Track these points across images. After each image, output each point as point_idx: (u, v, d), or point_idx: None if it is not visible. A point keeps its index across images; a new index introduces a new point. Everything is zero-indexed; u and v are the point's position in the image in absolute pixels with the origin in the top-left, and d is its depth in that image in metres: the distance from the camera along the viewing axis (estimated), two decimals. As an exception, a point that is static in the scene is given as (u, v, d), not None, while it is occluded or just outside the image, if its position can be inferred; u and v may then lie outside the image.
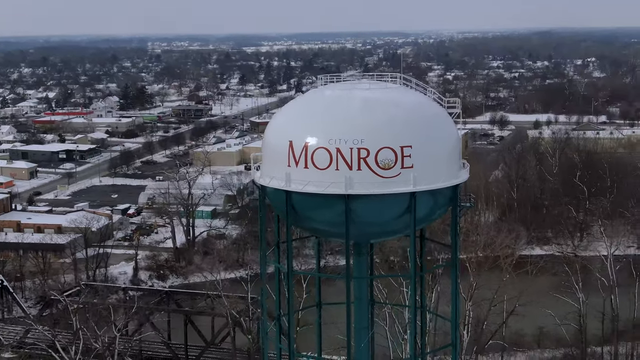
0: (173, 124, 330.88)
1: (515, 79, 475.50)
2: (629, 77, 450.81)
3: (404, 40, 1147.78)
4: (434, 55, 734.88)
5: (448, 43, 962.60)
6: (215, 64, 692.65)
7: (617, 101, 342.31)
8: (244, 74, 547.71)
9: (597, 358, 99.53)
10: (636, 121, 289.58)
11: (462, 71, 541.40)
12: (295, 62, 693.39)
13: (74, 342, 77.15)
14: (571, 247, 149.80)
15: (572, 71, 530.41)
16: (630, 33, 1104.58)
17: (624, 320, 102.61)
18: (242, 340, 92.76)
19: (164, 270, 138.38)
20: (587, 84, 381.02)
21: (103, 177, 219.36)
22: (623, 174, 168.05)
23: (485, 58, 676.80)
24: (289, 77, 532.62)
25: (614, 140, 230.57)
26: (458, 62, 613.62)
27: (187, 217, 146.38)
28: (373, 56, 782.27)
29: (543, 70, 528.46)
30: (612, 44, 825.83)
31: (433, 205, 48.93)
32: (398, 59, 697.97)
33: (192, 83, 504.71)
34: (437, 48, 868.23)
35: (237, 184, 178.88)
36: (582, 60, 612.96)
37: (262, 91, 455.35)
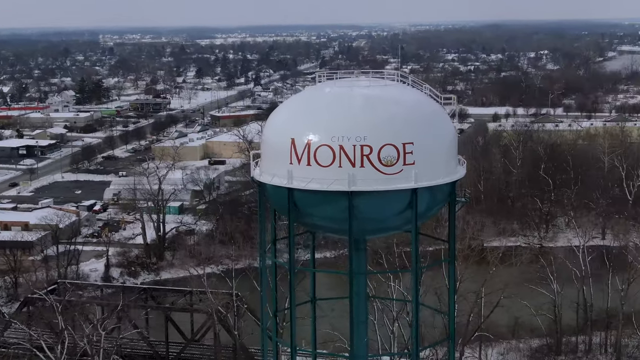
0: (132, 118, 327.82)
1: (471, 72, 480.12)
2: (582, 69, 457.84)
3: (358, 33, 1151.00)
4: (389, 48, 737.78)
5: (402, 36, 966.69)
6: (169, 56, 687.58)
7: (572, 93, 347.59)
8: (200, 67, 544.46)
9: (571, 347, 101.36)
10: (593, 113, 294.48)
11: (418, 64, 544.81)
12: (251, 54, 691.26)
13: (59, 341, 76.40)
14: (537, 239, 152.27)
15: (525, 64, 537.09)
16: (579, 25, 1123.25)
17: (597, 310, 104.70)
18: (224, 336, 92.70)
19: (135, 266, 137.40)
20: (542, 76, 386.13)
21: (65, 173, 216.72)
22: (586, 166, 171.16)
23: (440, 51, 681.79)
24: (246, 70, 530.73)
25: (573, 132, 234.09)
26: (413, 55, 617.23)
27: (157, 213, 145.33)
28: (329, 49, 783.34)
29: (497, 63, 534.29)
30: (563, 37, 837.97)
31: (432, 201, 49.57)
32: (354, 51, 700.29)
33: (148, 76, 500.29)
34: (392, 41, 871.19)
35: (204, 179, 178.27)
36: (534, 52, 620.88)
37: (220, 84, 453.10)
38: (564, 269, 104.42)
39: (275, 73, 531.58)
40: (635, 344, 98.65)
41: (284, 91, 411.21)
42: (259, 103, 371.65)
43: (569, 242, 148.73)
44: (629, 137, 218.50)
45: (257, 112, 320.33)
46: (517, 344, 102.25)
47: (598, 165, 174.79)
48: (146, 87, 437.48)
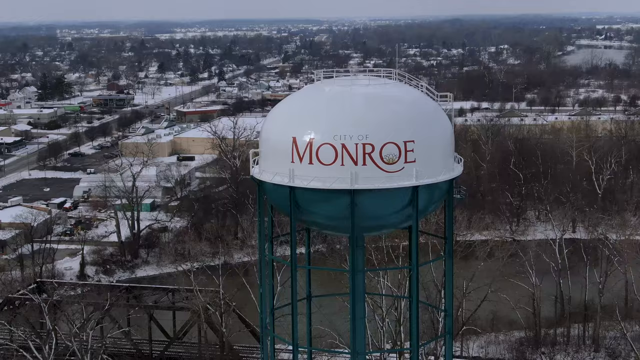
0: (96, 114, 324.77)
1: (434, 66, 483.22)
2: (543, 64, 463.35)
3: (318, 28, 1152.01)
4: (351, 43, 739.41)
5: (363, 31, 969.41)
6: (130, 51, 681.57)
7: (534, 88, 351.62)
8: (162, 62, 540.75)
9: (550, 340, 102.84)
10: (557, 107, 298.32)
11: (381, 59, 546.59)
12: (212, 49, 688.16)
13: (46, 341, 75.88)
14: (509, 232, 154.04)
15: (487, 58, 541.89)
16: (537, 20, 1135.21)
17: (575, 303, 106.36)
18: (208, 334, 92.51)
19: (110, 265, 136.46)
20: (505, 71, 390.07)
21: (32, 170, 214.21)
22: (555, 160, 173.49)
23: (401, 46, 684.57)
24: (209, 65, 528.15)
25: (539, 126, 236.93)
26: (376, 50, 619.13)
27: (131, 210, 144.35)
28: (290, 44, 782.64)
29: (459, 58, 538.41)
30: (522, 31, 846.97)
31: (431, 198, 50.04)
32: (316, 46, 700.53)
33: (109, 72, 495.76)
34: (353, 36, 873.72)
35: (176, 175, 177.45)
36: (495, 47, 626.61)
37: (183, 80, 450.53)
38: (538, 262, 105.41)
39: (238, 68, 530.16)
40: (614, 336, 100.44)
41: (249, 86, 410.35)
42: (224, 98, 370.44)
43: (541, 236, 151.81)
44: (595, 131, 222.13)
45: (223, 108, 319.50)
46: (497, 337, 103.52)
47: (566, 159, 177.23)
48: (108, 83, 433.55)
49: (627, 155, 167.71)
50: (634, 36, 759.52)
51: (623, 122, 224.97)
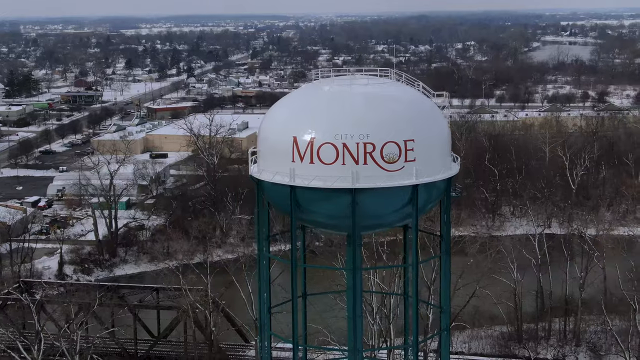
0: (65, 112, 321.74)
1: (402, 63, 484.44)
2: (510, 60, 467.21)
3: (285, 24, 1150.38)
4: (318, 39, 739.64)
5: (330, 27, 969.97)
6: (95, 47, 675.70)
7: (503, 84, 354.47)
8: (130, 58, 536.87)
9: (532, 334, 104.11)
10: (526, 103, 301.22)
11: (349, 55, 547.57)
12: (179, 45, 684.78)
13: (35, 342, 75.36)
14: (485, 228, 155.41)
15: (454, 55, 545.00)
16: (503, 16, 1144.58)
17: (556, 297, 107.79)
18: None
19: (88, 264, 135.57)
20: (474, 67, 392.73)
21: (3, 169, 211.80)
22: (527, 156, 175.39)
23: (369, 42, 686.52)
24: (177, 61, 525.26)
25: (510, 122, 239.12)
26: (344, 47, 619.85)
27: (109, 208, 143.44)
28: (258, 39, 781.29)
29: (427, 54, 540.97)
30: (488, 28, 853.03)
31: (430, 196, 50.64)
32: (284, 42, 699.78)
33: (76, 68, 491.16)
34: (320, 32, 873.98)
35: (151, 173, 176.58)
36: (461, 44, 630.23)
37: (152, 76, 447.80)
38: (517, 258, 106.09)
39: (206, 64, 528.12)
40: (594, 330, 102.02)
41: (218, 83, 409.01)
42: (194, 95, 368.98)
43: (517, 231, 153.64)
44: (565, 127, 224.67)
45: (194, 104, 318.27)
46: (479, 332, 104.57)
47: (539, 155, 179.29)
48: (76, 80, 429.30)
49: (600, 152, 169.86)
50: (599, 32, 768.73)
51: (593, 118, 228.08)
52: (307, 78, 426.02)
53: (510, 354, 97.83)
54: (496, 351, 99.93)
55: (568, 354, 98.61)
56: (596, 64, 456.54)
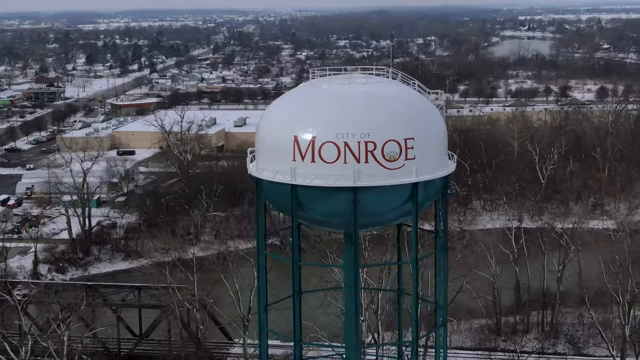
0: (28, 109, 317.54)
1: (365, 58, 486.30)
2: (472, 55, 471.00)
3: (245, 19, 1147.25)
4: (280, 34, 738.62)
5: (290, 22, 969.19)
6: (54, 43, 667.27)
7: (465, 79, 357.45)
8: (90, 53, 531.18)
9: (510, 327, 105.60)
10: (490, 98, 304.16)
11: (312, 51, 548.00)
12: (139, 40, 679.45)
13: (22, 343, 74.79)
14: (457, 222, 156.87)
15: (415, 50, 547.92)
16: (461, 11, 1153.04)
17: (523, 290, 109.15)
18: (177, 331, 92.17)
19: (62, 262, 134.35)
20: (438, 63, 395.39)
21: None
22: (497, 151, 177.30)
23: (331, 37, 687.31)
24: (138, 57, 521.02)
25: (476, 117, 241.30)
26: (306, 42, 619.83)
27: (82, 206, 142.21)
28: (218, 34, 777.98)
29: (389, 50, 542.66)
30: (447, 22, 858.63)
31: (427, 194, 51.17)
32: (245, 37, 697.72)
33: (36, 64, 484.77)
34: (281, 27, 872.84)
35: (122, 170, 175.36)
36: (422, 39, 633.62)
37: (113, 72, 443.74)
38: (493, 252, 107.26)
39: (168, 59, 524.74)
40: (571, 322, 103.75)
41: (181, 78, 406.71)
42: (157, 90, 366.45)
43: (489, 225, 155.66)
44: (530, 121, 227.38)
45: (159, 100, 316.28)
46: (459, 326, 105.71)
47: (508, 149, 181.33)
48: (36, 76, 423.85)
49: (568, 146, 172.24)
50: (556, 27, 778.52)
51: (557, 113, 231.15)
52: (271, 73, 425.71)
53: (490, 347, 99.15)
54: (476, 344, 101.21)
55: (547, 347, 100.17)
56: (556, 59, 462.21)
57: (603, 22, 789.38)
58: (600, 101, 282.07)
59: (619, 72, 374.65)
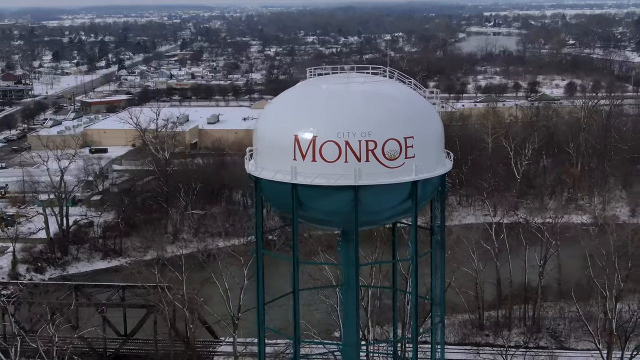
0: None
1: (334, 54, 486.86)
2: (440, 51, 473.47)
3: (210, 14, 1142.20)
4: (247, 30, 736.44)
5: (257, 18, 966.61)
6: (19, 40, 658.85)
7: (434, 75, 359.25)
8: (57, 50, 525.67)
9: (493, 322, 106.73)
10: (460, 94, 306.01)
11: (280, 47, 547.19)
12: (105, 36, 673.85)
13: (12, 344, 74.26)
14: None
15: (384, 46, 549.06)
16: (425, 7, 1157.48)
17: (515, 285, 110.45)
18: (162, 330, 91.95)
19: (41, 262, 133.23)
20: (407, 59, 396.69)
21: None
22: (471, 147, 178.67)
23: (298, 33, 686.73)
24: (105, 53, 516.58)
25: (448, 113, 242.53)
26: (274, 38, 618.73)
27: (60, 205, 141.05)
28: (185, 30, 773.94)
29: (357, 46, 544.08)
30: (413, 18, 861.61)
31: (425, 192, 51.85)
32: (213, 33, 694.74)
33: (2, 61, 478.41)
34: (248, 23, 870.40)
35: (96, 168, 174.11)
36: (390, 35, 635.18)
37: (80, 68, 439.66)
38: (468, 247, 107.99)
39: (135, 55, 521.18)
40: (552, 316, 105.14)
41: (150, 75, 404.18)
42: (127, 87, 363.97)
43: (465, 221, 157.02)
44: (502, 117, 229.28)
45: (129, 97, 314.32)
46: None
47: (482, 145, 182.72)
48: (3, 73, 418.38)
49: (542, 142, 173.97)
50: (522, 23, 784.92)
51: (528, 109, 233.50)
52: (241, 70, 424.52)
53: (476, 342, 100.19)
54: (460, 339, 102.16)
55: (529, 341, 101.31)
56: (523, 55, 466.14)
57: (567, 17, 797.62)
58: (569, 97, 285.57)
59: (586, 67, 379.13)
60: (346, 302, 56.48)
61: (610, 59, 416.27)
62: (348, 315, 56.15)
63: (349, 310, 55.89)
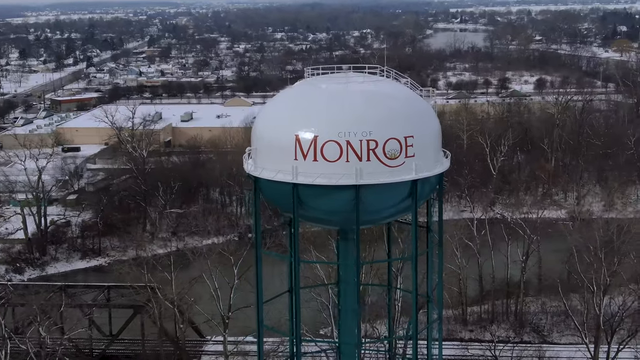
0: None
1: (304, 51, 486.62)
2: (409, 47, 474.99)
3: (176, 10, 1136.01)
4: (215, 26, 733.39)
5: (224, 14, 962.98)
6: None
7: (405, 71, 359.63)
8: (23, 47, 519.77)
9: (475, 317, 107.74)
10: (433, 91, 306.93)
11: (249, 43, 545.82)
12: (70, 33, 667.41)
13: (2, 346, 73.76)
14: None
15: (353, 43, 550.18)
16: (393, 4, 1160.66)
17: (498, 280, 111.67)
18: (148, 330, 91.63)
19: (19, 262, 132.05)
20: (378, 55, 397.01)
21: None
22: (446, 143, 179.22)
23: (267, 30, 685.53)
24: (72, 51, 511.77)
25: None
26: (242, 34, 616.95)
27: (37, 205, 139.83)
28: (151, 27, 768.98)
29: (327, 42, 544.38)
30: (381, 15, 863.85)
31: (424, 191, 52.40)
32: (180, 30, 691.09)
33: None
34: (215, 19, 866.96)
35: (72, 167, 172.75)
36: (358, 31, 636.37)
37: (48, 66, 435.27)
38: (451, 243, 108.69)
39: (102, 52, 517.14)
40: (534, 311, 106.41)
41: (119, 72, 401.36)
42: (96, 85, 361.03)
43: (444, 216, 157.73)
44: (474, 113, 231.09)
45: (100, 95, 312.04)
46: (425, 316, 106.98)
47: (458, 142, 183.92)
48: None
49: (517, 139, 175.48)
50: (488, 19, 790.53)
51: (499, 105, 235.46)
52: (211, 67, 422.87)
53: (460, 338, 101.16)
54: (445, 335, 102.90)
55: (512, 336, 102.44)
56: (492, 51, 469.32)
57: (533, 14, 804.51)
58: (539, 93, 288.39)
59: (554, 63, 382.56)
60: (344, 300, 56.72)
61: (578, 54, 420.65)
62: (347, 314, 56.42)
63: (347, 309, 56.23)
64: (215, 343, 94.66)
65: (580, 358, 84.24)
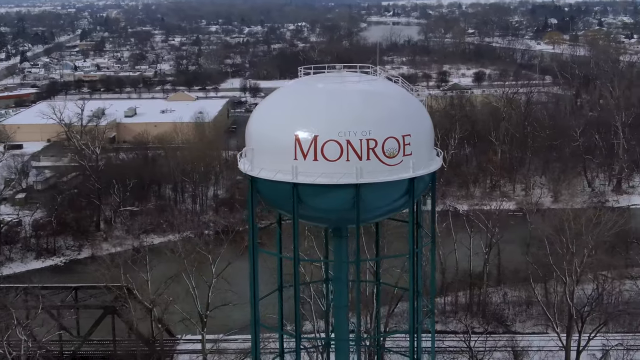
0: None
1: (241, 44, 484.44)
2: (346, 41, 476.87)
3: (106, 3, 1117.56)
4: (147, 19, 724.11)
5: (155, 6, 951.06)
6: None
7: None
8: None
9: (440, 309, 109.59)
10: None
11: (184, 36, 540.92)
12: None
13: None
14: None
15: (289, 36, 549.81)
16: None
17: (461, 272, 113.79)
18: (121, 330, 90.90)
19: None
20: (318, 50, 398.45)
21: None
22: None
23: (200, 23, 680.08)
24: (2, 45, 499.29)
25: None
26: (176, 27, 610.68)
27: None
28: (81, 20, 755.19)
29: (263, 36, 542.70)
30: (314, 8, 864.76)
31: (419, 189, 53.55)
32: (112, 23, 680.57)
33: None
34: (146, 11, 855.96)
35: (19, 165, 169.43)
36: (294, 24, 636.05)
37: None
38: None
39: (34, 46, 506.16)
40: (497, 302, 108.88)
41: (54, 67, 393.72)
42: (31, 80, 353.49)
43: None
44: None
45: (37, 91, 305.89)
46: (384, 310, 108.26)
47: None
48: None
49: (466, 132, 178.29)
50: (420, 12, 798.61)
51: (442, 98, 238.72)
52: (148, 60, 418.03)
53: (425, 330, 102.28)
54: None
55: (476, 326, 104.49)
56: (427, 44, 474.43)
57: (464, 7, 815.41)
58: (479, 86, 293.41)
59: (490, 56, 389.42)
60: (338, 297, 57.48)
61: (512, 47, 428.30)
62: (341, 310, 57.20)
63: (341, 306, 57.05)
64: (187, 342, 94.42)
65: (552, 347, 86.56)
